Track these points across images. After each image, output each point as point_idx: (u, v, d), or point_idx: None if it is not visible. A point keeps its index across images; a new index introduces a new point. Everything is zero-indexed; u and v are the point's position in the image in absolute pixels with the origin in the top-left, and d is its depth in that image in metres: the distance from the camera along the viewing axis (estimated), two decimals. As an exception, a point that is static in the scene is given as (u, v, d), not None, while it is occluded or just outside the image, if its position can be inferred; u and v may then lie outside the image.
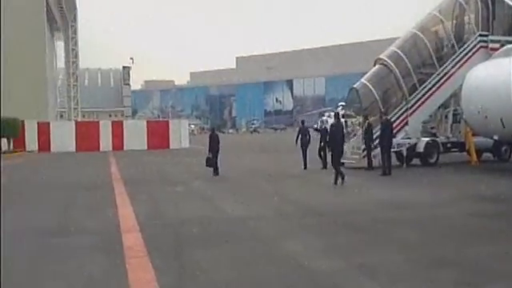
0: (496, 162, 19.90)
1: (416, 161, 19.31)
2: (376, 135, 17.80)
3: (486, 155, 20.54)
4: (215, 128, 21.42)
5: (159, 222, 9.18)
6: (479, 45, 19.68)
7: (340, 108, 54.93)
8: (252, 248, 7.19)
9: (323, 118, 52.34)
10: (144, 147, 36.47)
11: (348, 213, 9.85)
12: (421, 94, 19.21)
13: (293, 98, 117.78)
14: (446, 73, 19.37)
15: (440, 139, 19.65)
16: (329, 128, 16.26)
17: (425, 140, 19.17)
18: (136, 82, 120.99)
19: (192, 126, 78.25)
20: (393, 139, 17.37)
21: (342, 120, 19.71)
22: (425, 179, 15.54)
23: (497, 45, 18.87)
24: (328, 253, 6.84)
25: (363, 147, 18.30)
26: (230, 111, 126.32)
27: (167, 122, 42.21)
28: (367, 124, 18.28)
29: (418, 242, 7.35)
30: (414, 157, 19.32)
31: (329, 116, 50.95)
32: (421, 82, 19.32)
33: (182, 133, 39.81)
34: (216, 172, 16.96)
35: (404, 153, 19.01)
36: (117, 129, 38.00)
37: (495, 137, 17.41)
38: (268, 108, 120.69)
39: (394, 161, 18.17)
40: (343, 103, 52.30)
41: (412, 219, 9.06)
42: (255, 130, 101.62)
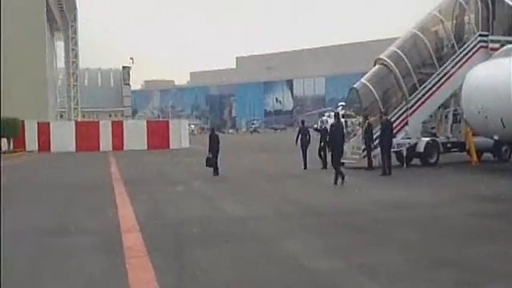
0: (496, 162, 19.90)
1: (416, 161, 19.30)
2: (376, 135, 17.81)
3: (486, 155, 20.54)
4: (215, 128, 21.45)
5: (159, 222, 9.18)
6: (479, 45, 19.68)
7: (340, 108, 54.95)
8: (252, 248, 7.19)
9: (323, 118, 52.36)
10: (144, 147, 36.47)
11: (348, 213, 9.86)
12: (421, 94, 19.22)
13: (293, 98, 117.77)
14: (446, 73, 19.37)
15: (440, 139, 19.65)
16: (329, 128, 16.27)
17: (425, 140, 19.16)
18: (136, 82, 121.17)
19: (192, 126, 78.28)
20: (393, 139, 17.38)
21: (342, 120, 19.71)
22: (425, 179, 15.54)
23: (497, 45, 18.87)
24: (328, 253, 6.84)
25: (363, 147, 18.30)
26: (230, 111, 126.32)
27: (167, 122, 42.20)
28: (367, 124, 18.28)
29: (418, 242, 7.35)
30: (414, 157, 19.30)
31: (329, 116, 50.96)
32: (421, 82, 19.32)
33: (182, 133, 39.80)
34: (216, 172, 16.96)
35: (404, 153, 19.00)
36: (117, 129, 37.99)
37: (495, 137, 17.41)
38: (268, 108, 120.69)
39: (394, 161, 18.17)
40: (343, 103, 52.29)
41: (412, 219, 9.07)
42: (255, 130, 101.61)
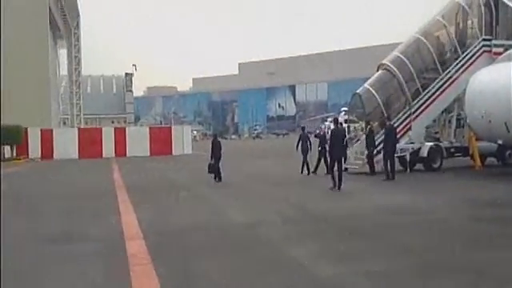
0: (500, 167, 19.82)
1: (419, 166, 19.22)
2: (379, 140, 17.75)
3: (490, 160, 20.46)
4: (217, 134, 21.34)
5: (163, 229, 9.13)
6: (482, 49, 19.65)
7: (343, 113, 54.86)
8: (257, 254, 7.13)
9: (326, 124, 52.26)
10: (147, 153, 36.47)
11: (351, 218, 9.80)
12: (424, 99, 19.18)
13: (295, 104, 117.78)
14: (450, 77, 19.33)
15: (443, 144, 19.59)
16: (328, 134, 16.04)
17: (428, 145, 19.10)
18: (138, 89, 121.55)
19: (194, 132, 78.33)
20: (396, 145, 17.31)
21: (345, 125, 19.65)
22: (428, 184, 15.50)
23: (500, 49, 18.83)
24: (335, 260, 6.77)
25: (366, 153, 18.23)
26: (233, 117, 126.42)
27: (170, 129, 42.20)
28: (368, 129, 18.22)
29: (424, 249, 7.27)
30: (418, 162, 19.21)
31: (331, 121, 50.84)
32: (424, 87, 19.28)
33: (185, 139, 39.76)
34: (219, 178, 16.91)
35: (407, 158, 18.94)
36: (119, 135, 38.00)
37: (499, 141, 17.35)
38: (270, 113, 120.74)
39: (398, 166, 18.09)
40: (345, 108, 52.16)
41: (414, 224, 8.98)
42: (258, 136, 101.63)
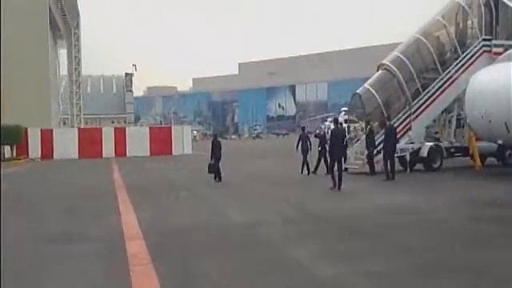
0: (500, 167, 19.82)
1: (419, 166, 19.21)
2: (379, 140, 17.74)
3: (490, 160, 20.46)
4: (217, 134, 21.28)
5: (163, 229, 9.12)
6: (482, 49, 19.65)
7: (343, 113, 54.84)
8: (256, 254, 7.13)
9: (326, 124, 52.24)
10: (147, 153, 36.46)
11: (351, 218, 9.80)
12: (424, 99, 19.17)
13: (295, 104, 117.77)
14: (450, 77, 19.33)
15: (443, 144, 19.58)
16: (328, 134, 16.00)
17: (428, 145, 19.09)
18: (138, 89, 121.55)
19: (194, 132, 78.32)
20: (396, 145, 17.31)
21: (345, 125, 19.64)
22: (428, 184, 15.49)
23: (500, 49, 18.82)
24: (335, 259, 6.77)
25: (366, 153, 18.23)
26: (233, 117, 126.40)
27: (170, 129, 42.18)
28: (368, 129, 18.22)
29: (424, 249, 7.27)
30: (418, 162, 19.21)
31: (331, 121, 50.81)
32: (424, 87, 19.28)
33: (185, 139, 39.75)
34: (219, 178, 16.90)
35: (407, 158, 18.93)
36: (119, 135, 37.98)
37: (499, 141, 17.35)
38: (270, 113, 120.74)
39: (397, 166, 18.08)
40: (345, 108, 52.06)
41: (414, 224, 8.98)
42: (258, 136, 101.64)
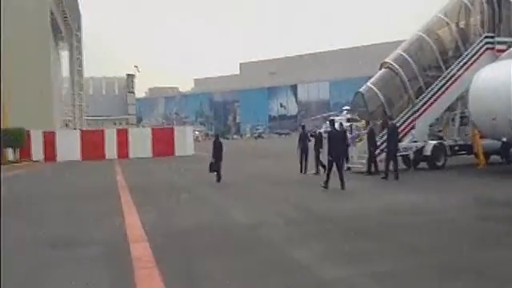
0: (504, 164, 19.71)
1: (423, 164, 19.15)
2: (382, 140, 17.67)
3: (494, 157, 20.35)
4: (219, 134, 21.15)
5: (167, 231, 9.06)
6: (485, 46, 19.57)
7: (345, 112, 54.81)
8: (260, 256, 7.07)
9: (327, 123, 52.10)
10: (149, 155, 36.43)
11: (354, 218, 9.74)
12: (427, 97, 19.11)
13: (297, 103, 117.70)
14: (453, 75, 19.26)
15: (447, 142, 19.51)
16: (325, 135, 15.77)
17: (432, 143, 19.02)
18: (140, 90, 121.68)
19: (196, 133, 78.23)
20: (398, 144, 17.23)
21: (347, 124, 19.59)
22: (432, 183, 15.41)
23: (503, 46, 18.76)
24: (340, 261, 6.71)
25: (367, 156, 18.10)
26: (235, 117, 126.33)
27: (172, 129, 42.11)
28: (369, 129, 18.15)
29: (430, 248, 7.21)
30: (421, 160, 19.16)
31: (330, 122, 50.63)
32: (427, 85, 19.21)
33: (187, 140, 39.66)
34: (218, 178, 16.83)
35: (411, 156, 18.85)
36: (122, 137, 37.94)
37: (504, 138, 17.28)
38: (272, 113, 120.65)
39: (401, 164, 18.02)
40: (348, 107, 51.98)
41: (420, 224, 8.92)
42: (260, 136, 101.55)
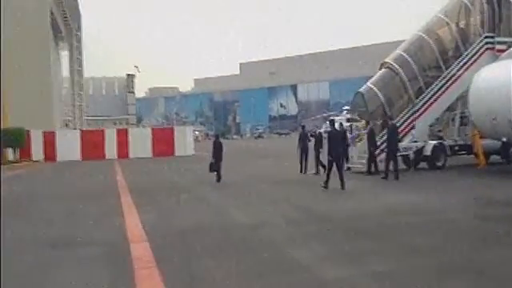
0: (504, 164, 19.71)
1: (423, 164, 19.14)
2: (382, 140, 17.67)
3: (494, 157, 20.35)
4: (219, 134, 21.11)
5: (167, 231, 9.06)
6: (486, 46, 19.56)
7: (345, 112, 54.84)
8: (260, 256, 7.06)
9: (328, 123, 52.10)
10: (149, 155, 36.40)
11: (355, 218, 9.74)
12: (427, 97, 19.11)
13: (297, 103, 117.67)
14: (453, 75, 19.26)
15: (447, 142, 19.51)
16: (325, 134, 15.77)
17: (432, 143, 19.02)
18: (140, 90, 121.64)
19: (196, 133, 78.15)
20: (398, 144, 17.23)
21: (347, 124, 19.59)
22: (432, 183, 15.41)
23: (503, 46, 18.76)
24: (340, 261, 6.72)
25: (367, 157, 18.09)
26: (235, 117, 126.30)
27: (172, 129, 42.08)
28: (369, 129, 18.14)
29: (430, 248, 7.21)
30: (421, 160, 19.16)
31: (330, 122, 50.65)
32: (427, 85, 19.21)
33: (187, 140, 39.60)
34: (218, 178, 16.83)
35: (411, 156, 18.84)
36: (122, 137, 37.91)
37: (504, 138, 17.28)
38: (272, 113, 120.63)
39: (401, 164, 18.01)
40: (347, 107, 51.95)
41: (420, 224, 8.92)
42: (260, 136, 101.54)
